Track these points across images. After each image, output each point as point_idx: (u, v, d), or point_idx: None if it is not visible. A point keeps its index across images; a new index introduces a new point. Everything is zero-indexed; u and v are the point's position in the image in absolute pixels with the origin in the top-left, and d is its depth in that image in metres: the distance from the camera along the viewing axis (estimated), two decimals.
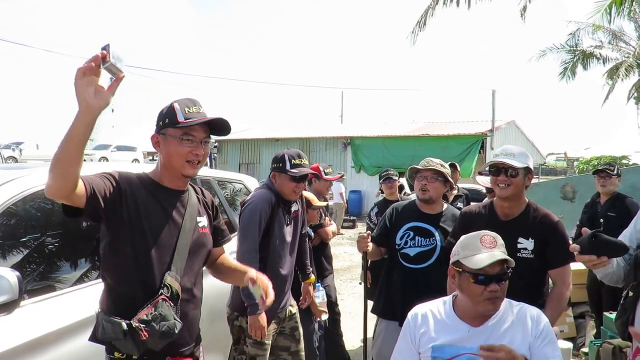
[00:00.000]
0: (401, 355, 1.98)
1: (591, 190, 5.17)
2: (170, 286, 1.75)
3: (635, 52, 16.77)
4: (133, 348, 1.67)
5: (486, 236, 1.89)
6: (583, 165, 24.73)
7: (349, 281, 8.11)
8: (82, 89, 1.41)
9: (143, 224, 1.74)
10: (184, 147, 1.78)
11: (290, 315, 3.01)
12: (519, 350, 1.76)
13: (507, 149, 2.58)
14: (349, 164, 19.86)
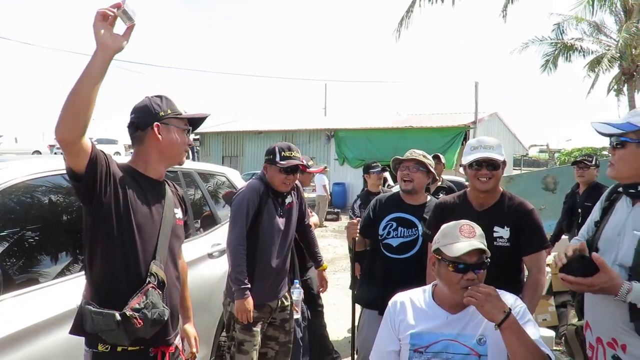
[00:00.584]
0: (382, 342, 2.01)
1: (572, 181, 5.26)
2: (156, 275, 1.81)
3: (617, 45, 16.99)
4: (124, 338, 1.69)
5: (465, 225, 1.92)
6: (564, 157, 25.12)
7: (333, 273, 8.15)
8: (100, 30, 1.51)
9: (130, 212, 1.77)
10: (185, 137, 1.93)
11: (282, 307, 3.06)
12: (495, 333, 1.78)
13: (485, 142, 2.58)
14: (333, 156, 19.88)
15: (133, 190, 1.80)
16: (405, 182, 2.99)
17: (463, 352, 1.82)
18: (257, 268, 2.91)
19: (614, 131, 1.81)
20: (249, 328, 2.87)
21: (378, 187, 5.05)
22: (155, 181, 1.92)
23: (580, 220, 4.78)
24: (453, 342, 1.83)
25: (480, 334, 1.84)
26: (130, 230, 1.77)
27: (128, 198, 1.77)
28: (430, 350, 1.84)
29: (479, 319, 1.86)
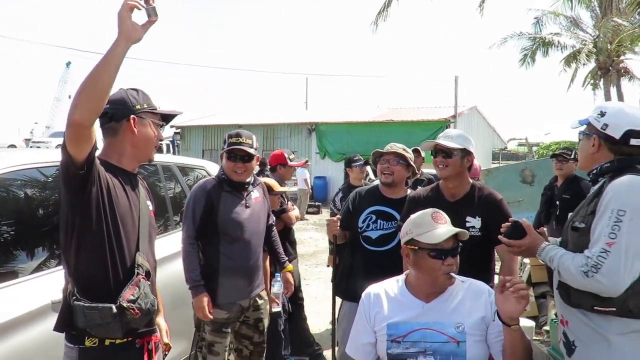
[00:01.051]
0: (357, 334, 2.00)
1: (550, 174, 5.33)
2: (143, 266, 1.83)
3: (594, 39, 17.31)
4: (117, 330, 1.70)
5: (436, 213, 1.96)
6: (543, 150, 25.50)
7: (315, 266, 8.16)
8: (126, 20, 1.57)
9: (113, 205, 1.77)
10: (158, 132, 1.94)
11: (255, 306, 2.98)
12: (472, 320, 1.84)
13: (447, 133, 2.72)
14: (314, 150, 19.87)
15: (113, 182, 1.79)
16: (385, 175, 3.00)
17: (441, 340, 1.83)
18: (222, 264, 2.83)
19: (577, 125, 2.00)
20: (219, 329, 2.82)
21: (360, 180, 5.05)
22: (130, 173, 1.92)
23: (559, 213, 4.85)
24: (430, 330, 1.84)
25: (458, 322, 1.85)
26: (115, 223, 1.77)
27: (111, 191, 1.76)
28: (408, 339, 1.85)
29: (454, 306, 1.89)
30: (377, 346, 1.93)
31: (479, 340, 1.85)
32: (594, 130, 1.91)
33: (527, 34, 18.61)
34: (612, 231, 1.67)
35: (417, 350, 1.83)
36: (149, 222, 1.94)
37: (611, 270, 1.65)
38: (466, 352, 1.82)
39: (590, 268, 1.67)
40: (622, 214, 1.67)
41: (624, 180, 1.76)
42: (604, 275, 1.66)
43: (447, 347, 1.82)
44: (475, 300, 1.91)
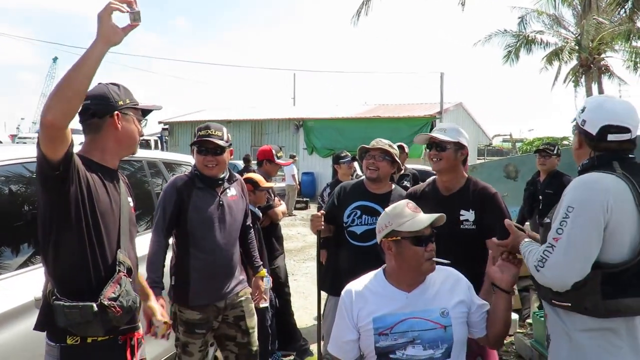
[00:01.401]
0: (339, 332, 2.00)
1: (532, 169, 5.41)
2: (124, 263, 1.82)
3: (576, 37, 17.52)
4: (99, 328, 1.69)
5: (410, 203, 2.02)
6: (526, 146, 25.78)
7: (302, 261, 8.19)
8: (107, 22, 1.57)
9: (93, 202, 1.75)
10: (139, 127, 1.94)
11: (233, 304, 2.84)
12: (454, 303, 1.91)
13: (441, 126, 2.75)
14: (302, 145, 19.87)
15: (94, 180, 1.77)
16: (371, 171, 3.02)
17: (428, 327, 1.86)
18: (191, 264, 2.72)
19: (572, 122, 1.97)
20: (191, 330, 2.73)
21: (348, 176, 5.09)
22: (111, 170, 1.90)
23: (541, 207, 4.93)
24: (417, 319, 1.87)
25: (442, 307, 1.90)
26: (95, 220, 1.75)
27: (91, 188, 1.74)
28: (395, 330, 1.87)
29: (435, 293, 1.94)
30: (362, 342, 1.94)
31: (462, 323, 1.91)
32: (577, 125, 1.90)
33: (511, 32, 18.81)
34: (559, 226, 1.70)
35: (406, 341, 1.85)
36: (129, 218, 1.94)
37: (554, 265, 1.68)
38: (453, 335, 1.86)
39: (538, 262, 1.72)
40: (571, 210, 1.69)
41: (580, 178, 1.77)
42: (548, 269, 1.70)
43: (434, 334, 1.86)
44: (454, 284, 1.98)
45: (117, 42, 1.60)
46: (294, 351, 4.29)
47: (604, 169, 1.77)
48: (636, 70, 17.85)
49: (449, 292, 1.95)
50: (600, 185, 1.70)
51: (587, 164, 1.85)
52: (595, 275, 1.67)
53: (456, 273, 2.05)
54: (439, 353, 1.85)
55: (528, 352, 4.13)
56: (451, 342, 1.86)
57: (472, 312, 1.95)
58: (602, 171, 1.75)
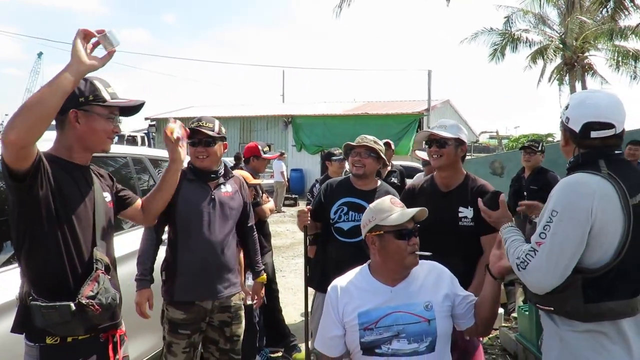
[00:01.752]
0: (325, 329, 2.02)
1: (518, 166, 5.47)
2: (101, 260, 1.79)
3: (560, 35, 17.70)
4: (78, 327, 1.68)
5: (393, 199, 2.05)
6: (512, 143, 26.00)
7: (292, 258, 8.20)
8: (78, 46, 1.59)
9: (65, 202, 1.73)
10: (109, 125, 1.85)
11: (221, 307, 2.75)
12: (438, 297, 1.94)
13: (441, 122, 2.74)
14: (290, 142, 19.85)
15: (64, 179, 1.75)
16: (357, 167, 3.03)
17: (413, 320, 1.88)
18: (179, 259, 2.68)
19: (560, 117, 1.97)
20: (175, 330, 2.67)
21: (339, 174, 5.10)
22: (82, 166, 1.87)
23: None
24: (401, 313, 1.89)
25: (426, 300, 1.92)
26: (68, 220, 1.73)
27: (61, 189, 1.72)
28: (380, 325, 1.89)
29: (419, 286, 1.96)
30: (347, 337, 1.95)
31: (446, 316, 1.93)
32: (562, 123, 1.88)
33: (497, 30, 18.99)
34: (543, 230, 1.68)
35: (391, 335, 1.87)
36: (105, 214, 1.91)
37: (535, 269, 1.68)
38: (437, 329, 1.88)
39: (521, 263, 1.73)
40: (555, 214, 1.67)
41: (566, 180, 1.74)
42: (528, 273, 1.70)
43: (419, 327, 1.88)
44: (438, 278, 2.00)
45: (90, 66, 1.60)
46: (282, 347, 4.30)
47: (590, 168, 1.73)
48: (618, 69, 18.12)
49: (433, 286, 1.97)
50: (586, 188, 1.67)
51: (572, 161, 1.84)
52: (576, 280, 1.66)
53: (439, 267, 2.06)
54: (423, 346, 1.87)
55: (513, 346, 4.19)
56: (435, 335, 1.88)
57: (457, 304, 1.97)
58: (588, 172, 1.72)
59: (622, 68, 18.03)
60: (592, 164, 1.74)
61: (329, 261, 3.03)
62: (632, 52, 17.49)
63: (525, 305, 4.11)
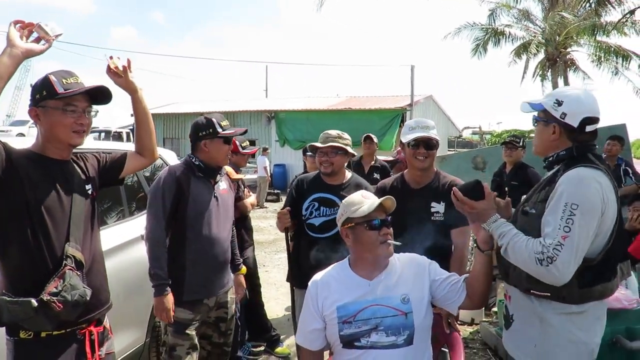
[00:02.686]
0: (305, 322, 2.03)
1: (500, 161, 5.52)
2: (73, 256, 1.77)
3: (543, 31, 17.87)
4: (46, 323, 1.66)
5: (365, 192, 2.10)
6: (494, 139, 26.29)
7: (274, 253, 8.19)
8: (12, 32, 1.65)
9: (36, 198, 1.72)
10: (68, 118, 1.80)
11: (220, 303, 2.80)
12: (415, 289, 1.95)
13: (422, 122, 2.75)
14: (274, 137, 19.78)
15: (37, 174, 1.75)
16: (325, 167, 3.04)
17: (390, 314, 1.90)
18: (187, 258, 2.65)
19: (529, 110, 2.01)
20: (182, 331, 2.62)
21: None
22: (59, 161, 1.86)
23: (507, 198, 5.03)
24: (379, 306, 1.91)
25: (403, 293, 1.93)
26: (39, 215, 1.72)
27: (33, 184, 1.72)
28: (358, 318, 1.90)
29: (397, 279, 1.97)
30: (327, 331, 1.97)
31: (424, 309, 1.95)
32: (552, 118, 1.92)
33: (479, 25, 19.08)
34: (566, 224, 1.72)
35: (369, 328, 1.89)
36: (84, 209, 1.89)
37: (564, 264, 1.71)
38: (414, 322, 1.90)
39: (546, 258, 1.71)
40: (575, 208, 1.72)
41: (575, 174, 1.79)
42: (557, 268, 1.71)
43: (396, 320, 1.90)
44: (418, 268, 2.02)
45: (22, 51, 1.65)
46: (264, 342, 4.29)
47: (586, 161, 1.84)
48: (600, 64, 18.36)
49: (413, 278, 1.99)
50: (595, 182, 1.77)
51: (564, 154, 1.91)
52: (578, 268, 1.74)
53: (418, 258, 2.09)
54: (402, 339, 1.89)
55: (493, 340, 4.24)
56: (412, 328, 1.90)
57: (436, 288, 1.99)
58: (589, 166, 1.82)
59: (604, 64, 18.27)
60: (585, 157, 1.87)
61: (303, 257, 3.05)
62: (614, 48, 17.72)
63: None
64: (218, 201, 2.78)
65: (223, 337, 2.86)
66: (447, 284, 1.99)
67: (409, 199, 2.68)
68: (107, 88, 1.88)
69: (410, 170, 2.82)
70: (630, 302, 2.74)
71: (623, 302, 2.70)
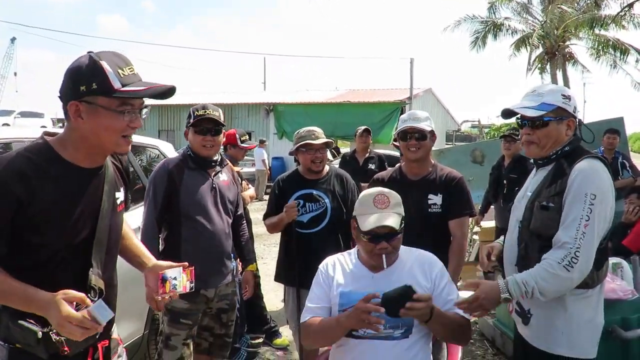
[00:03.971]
0: (312, 301, 2.05)
1: (498, 154, 5.53)
2: (95, 287, 1.49)
3: (542, 24, 17.82)
4: (43, 354, 1.40)
5: (379, 195, 1.99)
6: (493, 132, 26.27)
7: (273, 246, 8.20)
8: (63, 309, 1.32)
9: (53, 223, 1.42)
10: (121, 121, 1.44)
11: (221, 295, 2.78)
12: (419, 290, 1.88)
13: (414, 115, 2.80)
14: (272, 130, 19.75)
15: (54, 195, 1.42)
16: (316, 164, 3.05)
17: None
18: (183, 250, 2.62)
19: (536, 113, 1.94)
20: (176, 320, 2.62)
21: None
22: (90, 170, 1.52)
23: (506, 191, 5.06)
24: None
25: None
26: (56, 242, 1.44)
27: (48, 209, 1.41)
28: None
29: (402, 274, 1.98)
30: (331, 314, 1.99)
31: None
32: (566, 114, 1.95)
33: (479, 17, 19.03)
34: (587, 214, 1.78)
35: None
36: (111, 224, 1.57)
37: (589, 249, 1.79)
38: (414, 320, 1.89)
39: (571, 260, 1.75)
40: (594, 198, 1.79)
41: (588, 166, 1.86)
42: (581, 264, 1.76)
43: None
44: (426, 271, 2.01)
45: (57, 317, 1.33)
46: (263, 334, 4.31)
47: (584, 153, 1.93)
48: (598, 58, 18.35)
49: (420, 276, 1.99)
50: (605, 172, 1.87)
51: (568, 150, 1.96)
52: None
53: (431, 258, 2.08)
54: (398, 333, 1.90)
55: (491, 331, 4.26)
56: (411, 324, 1.90)
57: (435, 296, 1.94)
58: (592, 157, 1.91)
59: (603, 57, 18.28)
60: (583, 149, 1.97)
61: (291, 255, 3.06)
62: (612, 42, 17.71)
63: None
64: (216, 193, 2.76)
65: (224, 328, 2.86)
66: (442, 302, 1.94)
67: (406, 190, 2.67)
68: (174, 88, 1.52)
69: (406, 162, 2.86)
70: (626, 293, 2.77)
71: (618, 292, 2.74)
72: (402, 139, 2.74)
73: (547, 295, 1.81)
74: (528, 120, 1.98)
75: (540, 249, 1.89)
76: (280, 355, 4.14)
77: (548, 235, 1.88)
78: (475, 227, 5.95)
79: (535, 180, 2.05)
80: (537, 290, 1.79)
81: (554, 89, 2.01)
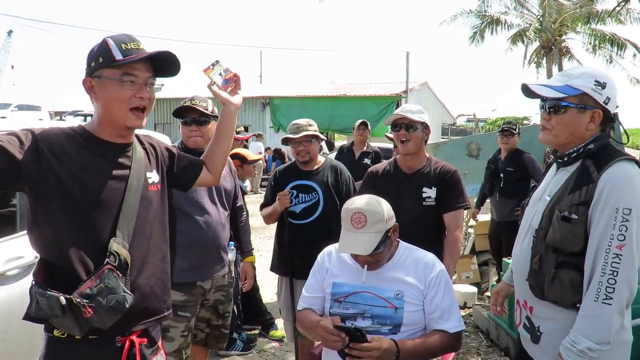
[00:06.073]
0: (307, 290, 2.08)
1: (494, 148, 5.54)
2: (117, 254, 1.50)
3: (538, 17, 17.83)
4: (74, 327, 1.42)
5: (356, 214, 1.88)
6: (489, 126, 26.34)
7: (268, 238, 8.21)
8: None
9: (77, 183, 1.48)
10: (125, 90, 1.52)
11: (217, 286, 2.78)
12: (412, 290, 1.92)
13: (405, 107, 2.82)
14: (268, 124, 19.74)
15: (79, 158, 1.51)
16: (302, 155, 3.09)
17: (380, 304, 1.92)
18: (177, 241, 2.56)
19: (554, 94, 1.69)
20: (175, 313, 2.49)
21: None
22: (115, 144, 1.59)
23: (502, 185, 5.08)
24: (370, 294, 1.93)
25: (398, 290, 1.93)
26: (79, 203, 1.48)
27: (70, 169, 1.48)
28: (349, 300, 1.94)
29: (396, 274, 1.96)
30: (325, 304, 2.02)
31: (417, 310, 1.92)
32: (593, 103, 1.65)
33: (475, 11, 19.03)
34: (620, 232, 1.52)
35: (356, 312, 1.92)
36: (140, 200, 1.60)
37: (628, 275, 1.53)
38: (403, 318, 1.90)
39: (607, 284, 1.52)
40: (628, 213, 1.52)
41: (620, 173, 1.58)
42: (625, 283, 1.52)
43: (384, 311, 1.91)
44: (420, 274, 1.97)
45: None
46: (259, 325, 4.34)
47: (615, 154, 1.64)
48: (595, 52, 18.39)
49: (413, 278, 1.96)
50: None
51: (593, 148, 1.68)
52: None
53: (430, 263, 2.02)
54: (386, 329, 1.91)
55: (485, 323, 4.29)
56: (400, 322, 1.90)
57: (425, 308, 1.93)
58: (625, 159, 1.62)
59: (599, 52, 18.32)
60: (613, 149, 1.68)
61: (284, 245, 3.10)
62: (609, 36, 17.74)
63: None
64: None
65: (221, 319, 2.87)
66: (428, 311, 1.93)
67: (400, 183, 2.75)
68: (173, 55, 1.58)
69: (400, 156, 2.87)
70: None
71: None
72: (393, 129, 2.79)
73: (607, 340, 1.55)
74: (546, 102, 1.71)
75: (558, 265, 1.64)
76: (276, 346, 4.16)
77: (568, 251, 1.62)
78: (471, 220, 5.97)
79: (556, 181, 1.76)
80: (594, 345, 1.54)
81: (588, 72, 1.69)
